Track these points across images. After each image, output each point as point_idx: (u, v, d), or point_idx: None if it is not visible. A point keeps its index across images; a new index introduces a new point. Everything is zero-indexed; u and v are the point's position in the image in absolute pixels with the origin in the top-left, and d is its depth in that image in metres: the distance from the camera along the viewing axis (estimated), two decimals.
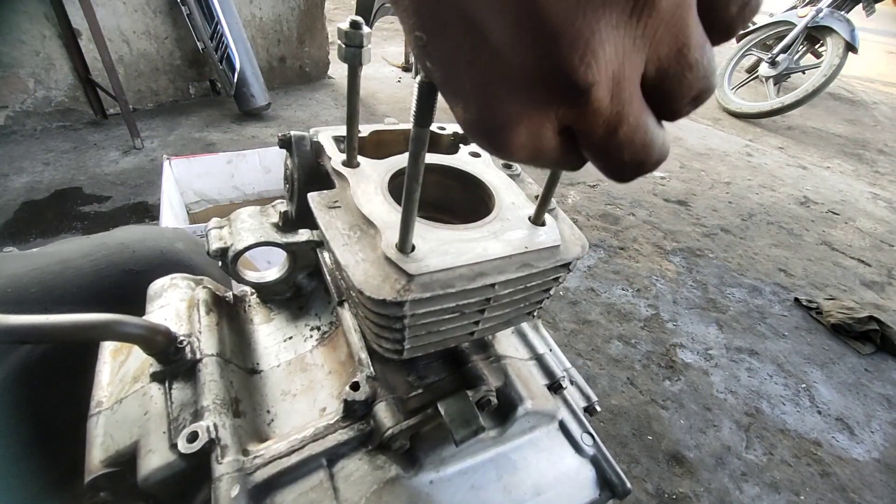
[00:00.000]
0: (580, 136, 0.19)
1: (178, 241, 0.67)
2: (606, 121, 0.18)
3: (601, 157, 0.19)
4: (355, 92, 0.37)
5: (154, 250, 0.62)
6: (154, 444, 0.37)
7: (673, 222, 2.34)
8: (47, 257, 0.57)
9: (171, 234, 0.68)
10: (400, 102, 3.29)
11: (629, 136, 0.18)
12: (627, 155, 0.19)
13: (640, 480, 1.20)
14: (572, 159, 0.21)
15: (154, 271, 0.59)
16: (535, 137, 0.19)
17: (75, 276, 0.56)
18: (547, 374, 0.52)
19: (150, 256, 0.61)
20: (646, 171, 0.20)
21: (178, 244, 0.66)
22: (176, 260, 0.63)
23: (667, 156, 0.21)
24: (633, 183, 2.57)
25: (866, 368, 1.63)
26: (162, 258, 0.62)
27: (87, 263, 0.58)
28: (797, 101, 3.38)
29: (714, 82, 0.19)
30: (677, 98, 0.19)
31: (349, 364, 0.45)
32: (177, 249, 0.64)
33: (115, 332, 0.38)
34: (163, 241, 0.65)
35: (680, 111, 0.20)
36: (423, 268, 0.32)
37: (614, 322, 1.69)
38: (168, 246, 0.64)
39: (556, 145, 0.19)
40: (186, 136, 2.59)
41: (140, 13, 2.60)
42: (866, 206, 2.74)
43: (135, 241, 0.63)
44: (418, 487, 0.40)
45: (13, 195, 1.99)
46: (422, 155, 0.27)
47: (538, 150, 0.19)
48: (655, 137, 0.19)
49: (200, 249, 0.68)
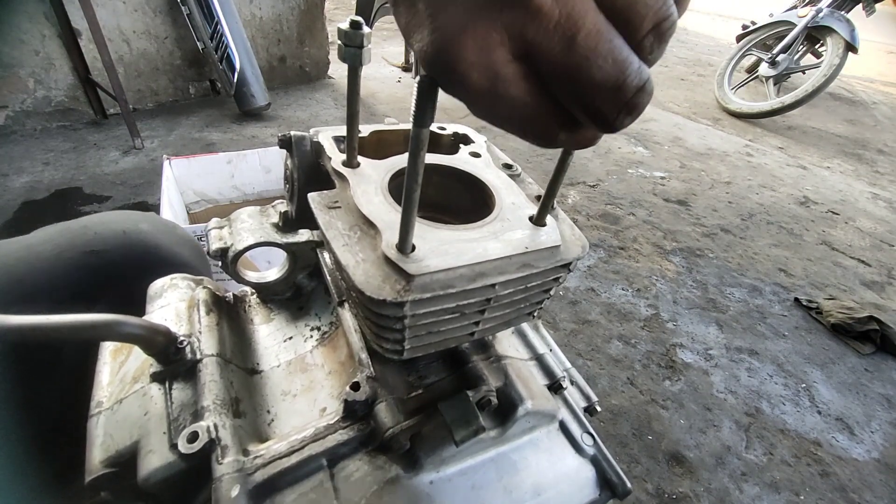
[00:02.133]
0: (541, 59, 0.17)
1: (142, 222, 0.65)
2: (559, 27, 0.16)
3: (571, 83, 0.18)
4: (355, 92, 0.37)
5: (116, 231, 0.61)
6: (154, 444, 0.37)
7: (673, 222, 2.34)
8: (14, 244, 0.57)
9: (136, 217, 0.67)
10: (400, 102, 3.29)
11: (591, 44, 0.17)
12: (597, 73, 0.17)
13: (641, 480, 1.20)
14: (544, 105, 0.19)
15: (116, 252, 0.59)
16: (485, 52, 0.17)
17: (37, 259, 0.56)
18: (547, 374, 0.52)
19: (112, 237, 0.61)
20: (629, 99, 0.18)
21: (143, 225, 0.65)
22: (139, 240, 0.62)
23: (652, 91, 0.19)
24: (633, 183, 2.55)
25: (866, 368, 1.63)
26: (124, 238, 0.61)
27: (49, 247, 0.58)
28: (797, 101, 3.38)
29: (674, 12, 0.17)
30: (636, 24, 0.17)
31: (349, 364, 0.45)
32: (140, 230, 0.63)
33: (115, 332, 0.38)
34: (126, 222, 0.64)
35: (643, 45, 0.18)
36: (424, 268, 0.32)
37: (614, 322, 1.69)
38: (131, 227, 0.63)
39: (515, 74, 0.18)
40: (186, 136, 2.59)
41: (140, 13, 2.60)
42: (866, 206, 2.74)
43: (96, 223, 0.62)
44: (418, 487, 0.40)
45: (13, 195, 1.99)
46: (421, 155, 0.27)
47: (492, 71, 0.18)
48: (627, 55, 0.17)
49: (168, 231, 0.67)
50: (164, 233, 0.66)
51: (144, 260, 0.61)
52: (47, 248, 0.57)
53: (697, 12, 8.67)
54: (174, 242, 0.66)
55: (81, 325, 0.35)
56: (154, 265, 0.61)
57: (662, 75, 4.73)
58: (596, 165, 2.79)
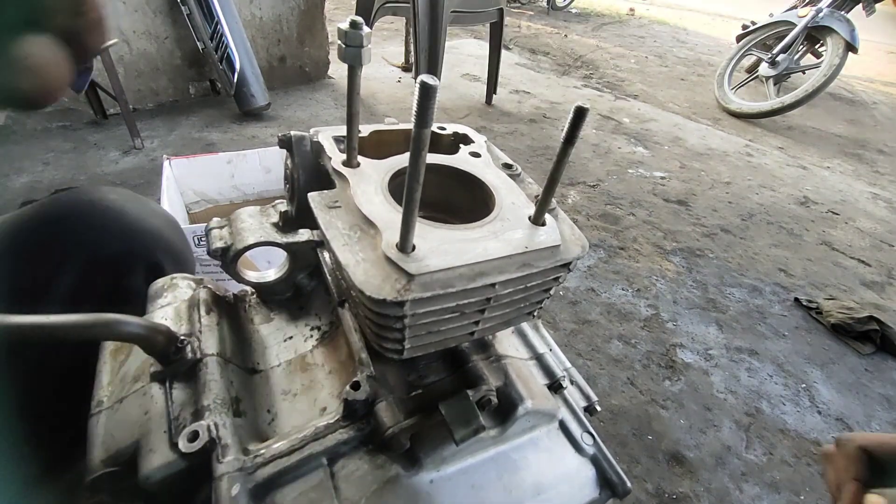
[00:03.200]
0: None
1: (111, 193, 0.67)
2: None
3: None
4: (355, 92, 0.37)
5: (82, 199, 0.63)
6: (155, 443, 0.38)
7: (673, 222, 2.34)
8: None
9: (106, 189, 0.69)
10: (400, 102, 3.29)
11: None
12: None
13: (641, 480, 1.20)
14: None
15: (80, 219, 0.61)
16: None
17: (9, 228, 0.60)
18: (547, 373, 0.52)
19: (78, 203, 0.63)
20: None
21: (112, 195, 0.66)
22: (105, 208, 0.63)
23: None
24: (632, 183, 2.56)
25: (866, 368, 1.63)
26: (90, 206, 0.63)
27: (21, 215, 0.62)
28: (797, 101, 3.38)
29: None
30: None
31: (349, 364, 0.45)
32: (109, 199, 0.65)
33: (115, 331, 0.38)
34: (96, 193, 0.66)
35: None
36: (424, 267, 0.32)
37: (614, 322, 1.69)
38: (101, 197, 0.65)
39: None
40: (186, 136, 2.59)
41: (140, 13, 2.60)
42: (866, 206, 2.74)
43: (68, 193, 0.65)
44: (419, 486, 0.40)
45: (13, 195, 1.99)
46: (423, 155, 0.27)
47: None
48: None
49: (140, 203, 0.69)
50: (132, 204, 0.67)
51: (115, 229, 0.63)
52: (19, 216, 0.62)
53: (697, 12, 8.67)
54: (146, 213, 0.68)
55: (82, 325, 0.35)
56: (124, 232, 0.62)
57: (662, 75, 4.73)
58: (596, 165, 2.79)
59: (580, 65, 4.79)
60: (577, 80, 4.30)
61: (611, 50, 5.44)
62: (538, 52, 4.99)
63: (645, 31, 6.58)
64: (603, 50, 5.40)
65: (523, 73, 4.29)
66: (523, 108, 3.45)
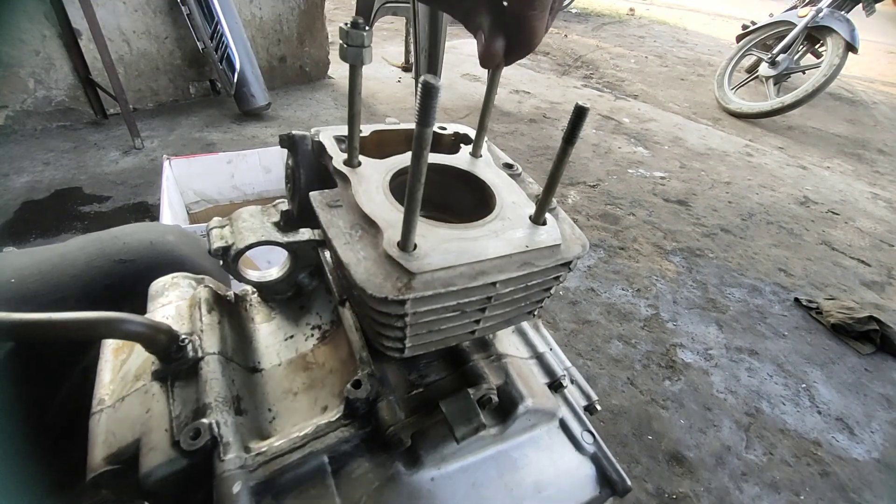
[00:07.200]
0: None
1: (168, 233, 0.69)
2: None
3: None
4: (356, 91, 0.37)
5: (143, 241, 0.65)
6: (156, 441, 0.38)
7: (673, 222, 2.34)
8: (49, 251, 0.61)
9: (163, 228, 0.71)
10: (400, 102, 3.29)
11: None
12: None
13: (641, 480, 1.20)
14: None
15: (143, 261, 0.62)
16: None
17: (70, 266, 0.59)
18: (547, 372, 0.53)
19: (140, 247, 0.64)
20: None
21: (169, 237, 0.68)
22: (165, 251, 0.65)
23: None
24: (633, 183, 2.56)
25: (866, 368, 1.63)
26: (151, 248, 0.64)
27: (82, 255, 0.61)
28: (797, 101, 3.38)
29: None
30: None
31: (350, 363, 0.45)
32: (167, 241, 0.67)
33: (117, 330, 0.38)
34: (153, 233, 0.67)
35: None
36: (425, 266, 0.33)
37: (614, 322, 1.69)
38: (158, 238, 0.66)
39: None
40: (186, 136, 2.59)
41: (140, 13, 2.60)
42: (866, 206, 2.74)
43: (126, 233, 0.66)
44: (419, 485, 0.40)
45: (13, 195, 1.99)
46: (425, 154, 0.27)
47: None
48: None
49: (193, 243, 0.71)
50: (188, 244, 0.69)
51: (170, 269, 0.63)
52: (80, 256, 0.61)
53: (697, 12, 8.68)
54: (198, 254, 0.69)
55: (84, 323, 0.35)
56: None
57: (662, 75, 4.73)
58: (596, 165, 2.80)
59: (580, 65, 4.79)
60: (577, 80, 4.30)
61: (611, 50, 5.44)
62: (538, 52, 4.99)
63: (645, 31, 6.58)
64: (603, 50, 5.40)
65: (523, 72, 4.29)
66: (523, 108, 3.46)
